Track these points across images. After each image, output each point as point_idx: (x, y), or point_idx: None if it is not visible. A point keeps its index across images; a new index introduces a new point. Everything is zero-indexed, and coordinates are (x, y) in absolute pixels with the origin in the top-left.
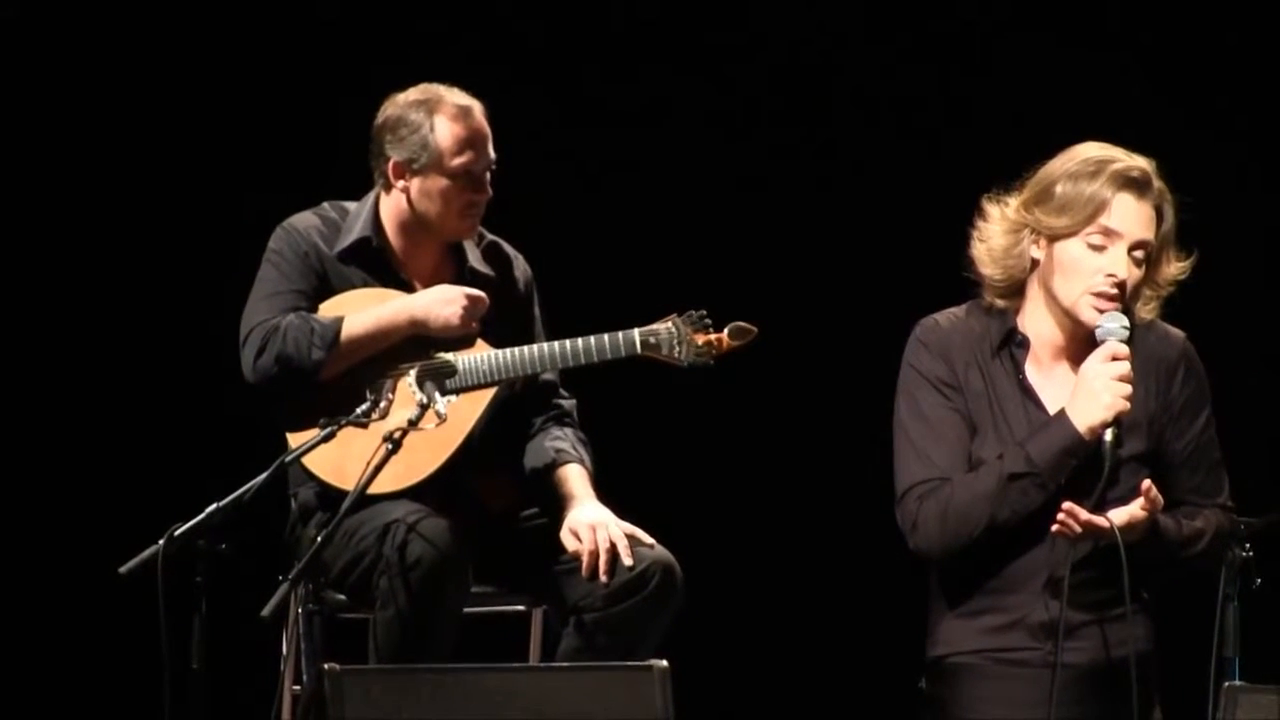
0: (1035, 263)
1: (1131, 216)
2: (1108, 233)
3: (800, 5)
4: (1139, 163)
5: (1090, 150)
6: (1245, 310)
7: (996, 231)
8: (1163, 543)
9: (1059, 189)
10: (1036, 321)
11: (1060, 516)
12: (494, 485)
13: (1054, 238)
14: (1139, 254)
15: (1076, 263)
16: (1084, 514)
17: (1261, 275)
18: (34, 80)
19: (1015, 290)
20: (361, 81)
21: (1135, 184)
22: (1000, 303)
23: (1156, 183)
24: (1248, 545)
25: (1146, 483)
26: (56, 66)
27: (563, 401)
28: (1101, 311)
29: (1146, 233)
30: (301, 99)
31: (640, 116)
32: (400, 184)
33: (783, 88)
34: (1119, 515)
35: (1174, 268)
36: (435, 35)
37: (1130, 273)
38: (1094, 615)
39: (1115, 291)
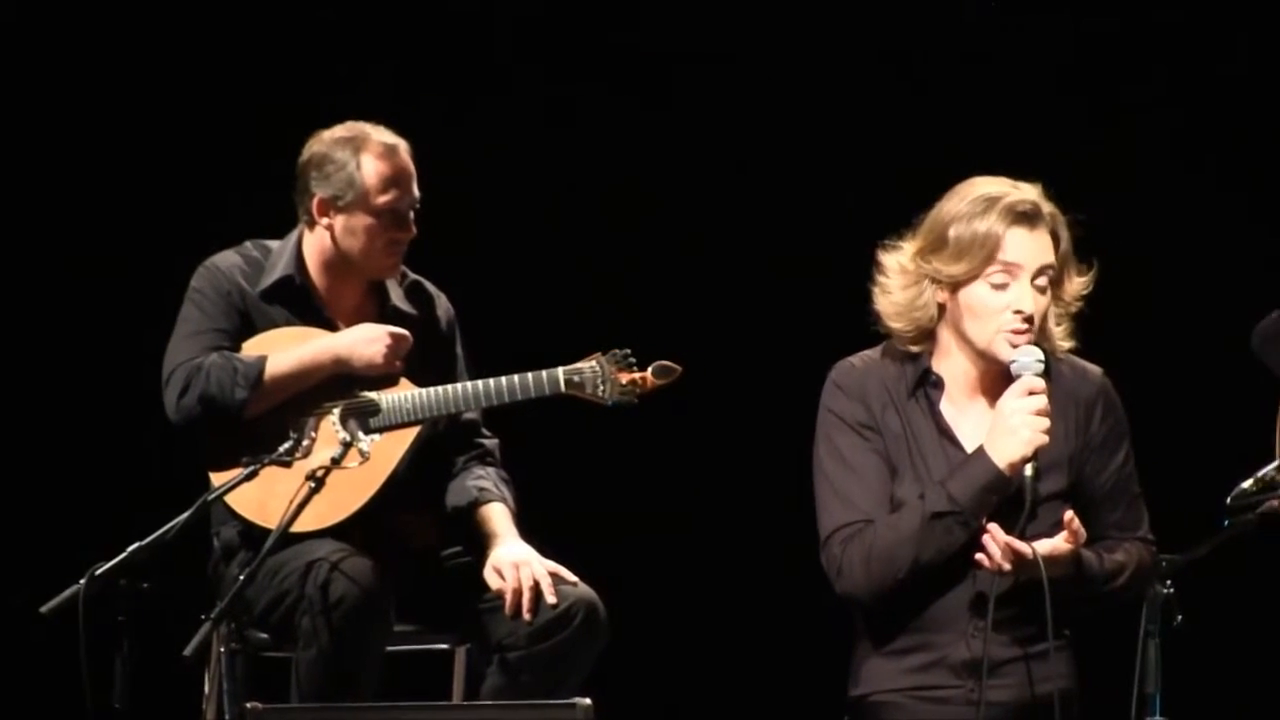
0: (942, 308)
1: (1028, 248)
2: (1008, 268)
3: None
4: (1027, 194)
5: (976, 188)
6: (1165, 345)
7: (897, 285)
8: (1086, 576)
9: (952, 233)
10: (950, 362)
11: (984, 539)
12: (417, 524)
13: (956, 285)
14: (1042, 281)
15: (984, 304)
16: (1004, 536)
17: (1179, 311)
18: None
19: (926, 336)
20: (287, 118)
21: (1026, 216)
22: (913, 348)
23: (1047, 207)
24: (1169, 582)
25: (1069, 514)
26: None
27: (485, 441)
28: (1015, 346)
29: (1045, 259)
30: (225, 137)
31: (567, 152)
32: (324, 221)
33: (710, 129)
34: (1042, 546)
35: (1077, 284)
36: (359, 72)
37: (1037, 302)
38: (1018, 651)
39: (1026, 326)
